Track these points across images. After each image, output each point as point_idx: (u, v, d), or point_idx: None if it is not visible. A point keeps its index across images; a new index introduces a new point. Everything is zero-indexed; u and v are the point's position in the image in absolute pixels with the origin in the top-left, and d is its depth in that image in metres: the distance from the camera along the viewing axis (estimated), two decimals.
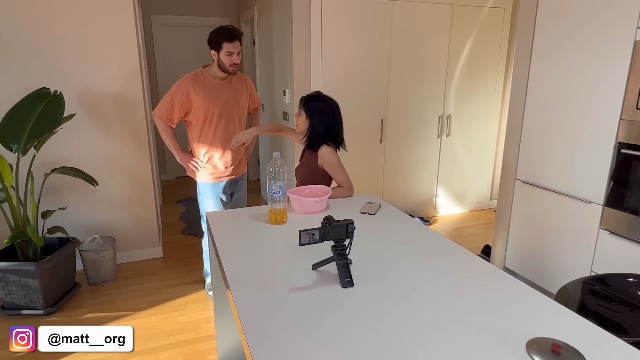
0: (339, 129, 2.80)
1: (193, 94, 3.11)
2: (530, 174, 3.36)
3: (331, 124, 2.74)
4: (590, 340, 1.31)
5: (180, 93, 3.10)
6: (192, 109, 3.15)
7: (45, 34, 3.46)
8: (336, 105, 2.78)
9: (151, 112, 3.17)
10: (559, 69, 3.05)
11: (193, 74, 3.17)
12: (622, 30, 2.62)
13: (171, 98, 3.11)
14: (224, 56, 3.08)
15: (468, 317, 1.42)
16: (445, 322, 1.40)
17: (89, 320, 3.19)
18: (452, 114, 5.11)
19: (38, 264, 3.13)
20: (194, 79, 3.15)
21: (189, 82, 3.12)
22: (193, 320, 3.20)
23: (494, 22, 4.98)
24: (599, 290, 2.11)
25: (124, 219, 4.03)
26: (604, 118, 2.77)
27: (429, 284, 1.63)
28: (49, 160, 3.66)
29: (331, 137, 2.77)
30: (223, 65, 3.12)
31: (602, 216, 2.85)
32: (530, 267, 3.43)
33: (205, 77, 3.17)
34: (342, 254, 1.67)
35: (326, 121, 2.73)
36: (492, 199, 5.68)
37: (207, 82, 3.17)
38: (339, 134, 2.81)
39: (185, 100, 3.11)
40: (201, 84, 3.15)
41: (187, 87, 3.11)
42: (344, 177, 2.75)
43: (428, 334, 1.33)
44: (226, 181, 3.37)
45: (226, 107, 3.25)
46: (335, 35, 4.37)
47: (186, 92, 3.10)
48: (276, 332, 1.35)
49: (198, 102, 3.13)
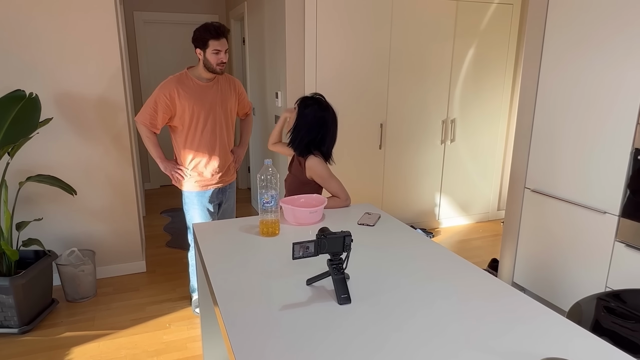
0: (325, 139, 2.78)
1: (177, 97, 3.11)
2: (540, 183, 3.37)
3: (316, 129, 2.74)
4: None
5: (163, 96, 3.10)
6: (176, 113, 3.15)
7: (21, 31, 3.46)
8: (332, 115, 2.78)
9: (134, 118, 3.16)
10: (572, 69, 3.06)
11: (177, 76, 3.17)
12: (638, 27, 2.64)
13: (154, 102, 3.11)
14: (210, 55, 3.08)
15: (475, 338, 1.42)
16: (452, 343, 1.39)
17: (67, 339, 3.17)
18: (456, 118, 5.12)
19: (12, 279, 3.11)
20: (178, 81, 3.15)
21: (173, 85, 3.12)
22: (179, 339, 3.19)
23: (501, 19, 5.01)
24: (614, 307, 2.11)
25: (104, 231, 4.01)
26: (620, 123, 2.78)
27: (432, 302, 1.63)
28: (24, 167, 3.65)
29: (314, 143, 2.76)
30: (209, 65, 3.12)
31: (618, 227, 2.86)
32: (541, 282, 3.43)
33: (190, 79, 3.17)
34: (338, 268, 1.67)
35: (311, 124, 2.73)
36: (500, 209, 5.69)
37: (192, 84, 3.17)
38: (324, 144, 2.79)
39: (169, 104, 3.11)
40: (186, 86, 3.15)
41: (171, 90, 3.11)
42: (338, 188, 2.73)
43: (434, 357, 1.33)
44: (213, 189, 3.37)
45: (212, 111, 3.25)
46: (332, 33, 4.39)
47: (170, 95, 3.10)
48: (268, 352, 1.34)
49: (183, 106, 3.14)
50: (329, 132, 2.78)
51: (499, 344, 1.38)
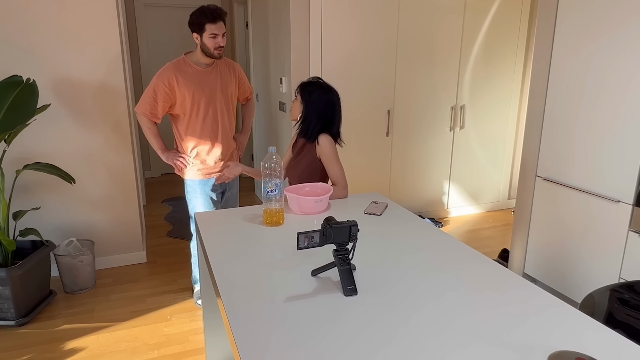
0: (335, 120, 2.82)
1: (177, 85, 3.11)
2: (552, 171, 3.36)
3: (326, 113, 2.77)
4: (618, 354, 1.31)
5: (162, 85, 3.09)
6: (176, 101, 3.15)
7: (18, 15, 3.45)
8: (336, 96, 2.81)
9: (134, 108, 3.15)
10: (585, 54, 3.04)
11: (174, 63, 3.17)
12: None
13: (153, 91, 3.11)
14: (207, 39, 3.08)
15: (485, 330, 1.42)
16: (462, 335, 1.39)
17: (65, 332, 3.20)
18: (466, 104, 5.10)
19: (9, 270, 3.13)
20: (176, 67, 3.14)
21: (171, 72, 3.11)
22: (180, 332, 3.20)
23: (512, 1, 4.97)
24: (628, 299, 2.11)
25: (104, 221, 4.03)
26: (635, 109, 2.77)
27: (441, 293, 1.63)
28: (21, 155, 3.66)
29: (326, 127, 2.79)
30: (207, 49, 3.11)
31: (632, 217, 2.85)
32: (553, 273, 3.43)
33: (188, 65, 3.17)
34: (344, 258, 1.67)
35: (321, 109, 2.76)
36: (511, 198, 5.68)
37: (190, 71, 3.16)
38: (335, 126, 2.83)
39: (168, 92, 3.11)
40: (184, 73, 3.14)
41: (170, 78, 3.10)
42: (339, 173, 2.75)
43: (443, 350, 1.33)
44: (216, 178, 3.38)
45: (213, 97, 3.25)
46: (337, 17, 4.37)
47: (169, 82, 3.10)
48: (272, 345, 1.35)
49: (183, 93, 3.13)
50: (337, 113, 2.82)
51: (510, 337, 1.38)
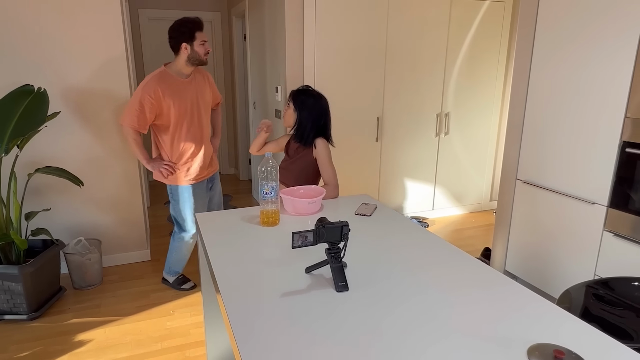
0: (327, 124, 2.92)
1: (162, 96, 3.07)
2: (531, 174, 3.37)
3: (318, 118, 2.87)
4: (593, 347, 1.31)
5: (148, 97, 3.04)
6: (162, 111, 3.11)
7: (29, 28, 3.43)
8: (325, 101, 2.91)
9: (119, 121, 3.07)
10: (562, 65, 3.05)
11: (158, 75, 3.11)
12: (628, 26, 2.62)
13: (139, 103, 3.04)
14: (198, 46, 3.10)
15: (467, 323, 1.41)
16: (444, 328, 1.39)
17: (74, 325, 3.18)
18: (450, 111, 5.11)
19: (21, 267, 3.11)
20: (160, 79, 3.09)
21: (156, 84, 3.06)
22: (182, 325, 3.19)
23: (494, 16, 4.99)
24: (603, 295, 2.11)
25: (110, 221, 4.01)
26: (609, 116, 2.77)
27: (427, 289, 1.63)
28: (33, 159, 3.64)
29: (319, 131, 2.89)
30: (198, 56, 3.12)
31: (606, 218, 2.85)
32: (532, 270, 3.43)
33: (170, 76, 3.13)
34: (336, 257, 1.66)
35: (314, 115, 2.86)
36: (492, 200, 5.69)
37: (173, 81, 3.13)
38: (327, 129, 2.93)
39: (154, 104, 3.06)
40: (168, 84, 3.11)
41: (156, 89, 3.05)
42: (332, 174, 2.83)
43: (427, 341, 1.33)
44: (203, 180, 3.42)
45: (194, 105, 3.25)
46: (330, 30, 4.37)
47: (155, 94, 3.05)
48: (268, 337, 1.34)
49: (168, 104, 3.10)
50: (328, 117, 2.93)
51: (491, 330, 1.38)
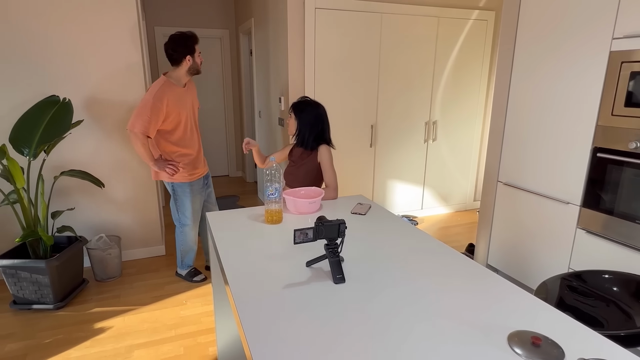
0: (325, 129, 2.96)
1: (168, 103, 3.10)
2: (511, 177, 3.37)
3: (316, 124, 2.91)
4: (568, 333, 1.31)
5: (159, 104, 3.05)
6: (167, 117, 3.13)
7: (55, 45, 3.44)
8: (322, 109, 2.95)
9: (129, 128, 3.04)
10: (539, 78, 3.06)
11: (164, 83, 3.13)
12: (599, 43, 2.63)
13: (150, 110, 3.03)
14: (197, 57, 3.22)
15: (452, 311, 1.42)
16: (431, 315, 1.39)
17: (96, 314, 3.17)
18: (438, 120, 5.11)
19: (48, 262, 3.11)
20: (167, 88, 3.12)
21: (165, 92, 3.09)
22: (194, 314, 3.19)
23: (477, 33, 4.99)
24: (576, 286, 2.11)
25: (128, 219, 4.01)
26: (581, 124, 2.78)
27: (416, 280, 1.63)
28: (58, 163, 3.64)
29: (318, 135, 2.93)
30: (197, 67, 3.24)
31: (579, 216, 2.86)
32: (512, 264, 3.43)
33: (173, 85, 3.17)
34: (334, 252, 1.66)
35: (312, 121, 2.90)
36: (476, 200, 5.69)
37: (175, 90, 3.17)
38: (325, 133, 2.97)
39: (163, 110, 3.08)
40: (173, 92, 3.15)
41: (164, 97, 3.08)
42: (333, 177, 2.86)
43: (414, 327, 1.33)
44: (201, 177, 3.49)
45: (191, 111, 3.33)
46: (328, 46, 4.37)
47: (164, 102, 3.07)
48: (272, 325, 1.34)
49: (173, 110, 3.14)
50: (326, 123, 2.96)
51: (474, 318, 1.38)
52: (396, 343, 1.26)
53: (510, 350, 1.23)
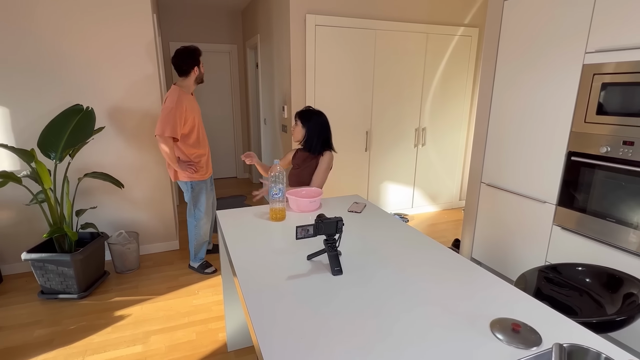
0: (329, 135, 2.96)
1: (187, 109, 3.17)
2: (493, 178, 3.37)
3: (322, 130, 2.91)
4: (545, 320, 1.31)
5: (181, 110, 3.12)
6: (186, 121, 3.20)
7: (79, 59, 3.44)
8: (325, 117, 2.95)
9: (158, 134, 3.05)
10: (519, 89, 3.06)
11: (180, 92, 3.18)
12: (573, 57, 2.63)
13: (174, 115, 3.08)
14: (202, 68, 3.30)
15: (439, 300, 1.42)
16: (420, 303, 1.39)
17: (116, 303, 3.17)
18: (427, 126, 5.11)
19: (73, 255, 3.11)
20: (183, 95, 3.18)
21: (182, 99, 3.15)
22: (205, 303, 3.18)
23: (462, 48, 4.99)
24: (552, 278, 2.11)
25: (146, 217, 4.00)
26: (557, 130, 2.78)
27: (407, 272, 1.63)
28: (82, 166, 3.64)
29: (325, 141, 2.93)
30: (202, 76, 3.32)
31: (555, 214, 2.86)
32: (494, 257, 3.43)
33: (185, 93, 3.23)
34: (332, 246, 1.67)
35: (319, 128, 2.90)
36: (461, 199, 5.68)
37: (188, 97, 3.23)
38: (330, 139, 2.97)
39: (183, 115, 3.14)
40: (187, 99, 3.20)
41: (183, 103, 3.14)
42: (322, 180, 2.88)
43: (404, 313, 1.33)
44: (211, 176, 3.57)
45: (199, 116, 3.38)
46: (327, 59, 4.37)
47: (184, 108, 3.14)
48: (276, 312, 1.34)
49: (189, 115, 3.20)
50: (329, 129, 2.97)
51: (459, 306, 1.38)
52: (388, 327, 1.26)
53: (492, 336, 1.23)
